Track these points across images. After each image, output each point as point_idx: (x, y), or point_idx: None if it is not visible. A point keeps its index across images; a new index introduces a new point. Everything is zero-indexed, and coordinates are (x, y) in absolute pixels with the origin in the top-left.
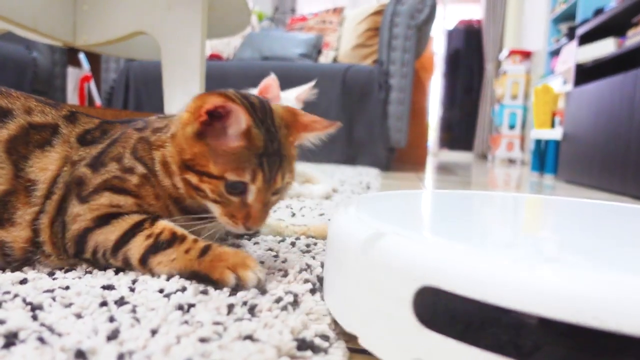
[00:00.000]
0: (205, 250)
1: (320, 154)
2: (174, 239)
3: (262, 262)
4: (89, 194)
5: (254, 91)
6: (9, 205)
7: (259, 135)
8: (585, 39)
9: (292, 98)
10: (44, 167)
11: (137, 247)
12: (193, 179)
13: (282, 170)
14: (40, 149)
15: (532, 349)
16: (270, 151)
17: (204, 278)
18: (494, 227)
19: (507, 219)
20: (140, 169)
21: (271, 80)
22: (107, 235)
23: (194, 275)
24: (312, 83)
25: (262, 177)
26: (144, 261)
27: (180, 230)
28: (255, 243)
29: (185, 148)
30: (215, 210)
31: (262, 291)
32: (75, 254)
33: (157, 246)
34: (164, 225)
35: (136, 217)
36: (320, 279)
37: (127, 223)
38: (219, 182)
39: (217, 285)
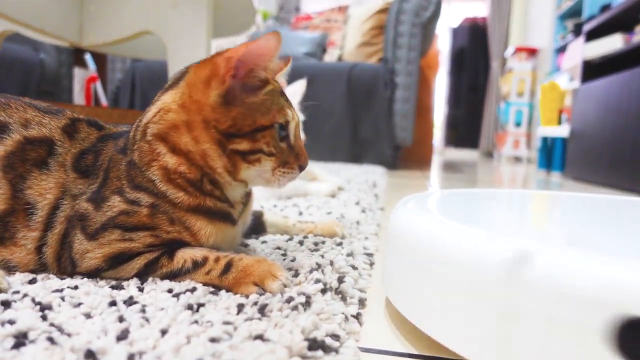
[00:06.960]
0: (227, 268)
1: (326, 153)
2: (196, 266)
3: None
4: (96, 231)
5: None
6: (9, 225)
7: (268, 75)
8: (592, 35)
9: None
10: (42, 192)
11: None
12: (243, 144)
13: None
14: (38, 169)
15: None
16: (280, 89)
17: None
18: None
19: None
20: (146, 199)
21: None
22: (122, 275)
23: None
24: (304, 81)
25: (293, 112)
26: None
27: (200, 256)
28: (263, 242)
29: (219, 117)
30: (268, 166)
31: None
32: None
33: (175, 274)
34: (184, 257)
35: (150, 256)
36: (330, 279)
37: (140, 263)
38: (272, 130)
39: None
